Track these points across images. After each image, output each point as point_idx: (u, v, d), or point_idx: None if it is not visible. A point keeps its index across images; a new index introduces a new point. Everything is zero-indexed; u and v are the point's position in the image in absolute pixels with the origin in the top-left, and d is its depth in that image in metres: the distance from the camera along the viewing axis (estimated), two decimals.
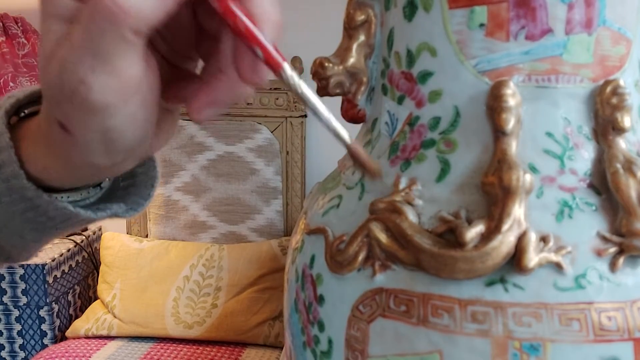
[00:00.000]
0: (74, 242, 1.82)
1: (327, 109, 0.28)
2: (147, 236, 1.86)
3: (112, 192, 0.34)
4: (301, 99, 0.27)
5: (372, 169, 0.32)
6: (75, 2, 0.24)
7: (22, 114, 0.31)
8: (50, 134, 0.27)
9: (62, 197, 0.30)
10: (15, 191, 0.28)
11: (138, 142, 0.27)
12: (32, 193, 0.28)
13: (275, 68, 0.25)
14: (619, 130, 0.39)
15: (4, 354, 1.73)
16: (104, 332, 1.63)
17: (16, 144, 0.29)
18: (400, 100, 0.43)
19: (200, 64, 0.30)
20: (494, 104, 0.38)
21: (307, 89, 0.27)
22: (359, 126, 0.51)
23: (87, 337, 1.64)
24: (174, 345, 1.60)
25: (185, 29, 0.28)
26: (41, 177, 0.29)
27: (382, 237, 0.39)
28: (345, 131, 0.29)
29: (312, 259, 0.45)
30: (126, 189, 0.34)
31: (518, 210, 0.36)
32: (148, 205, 0.33)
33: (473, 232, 0.36)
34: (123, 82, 0.24)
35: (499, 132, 0.38)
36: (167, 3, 0.23)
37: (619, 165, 0.38)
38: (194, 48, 0.29)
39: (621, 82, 0.39)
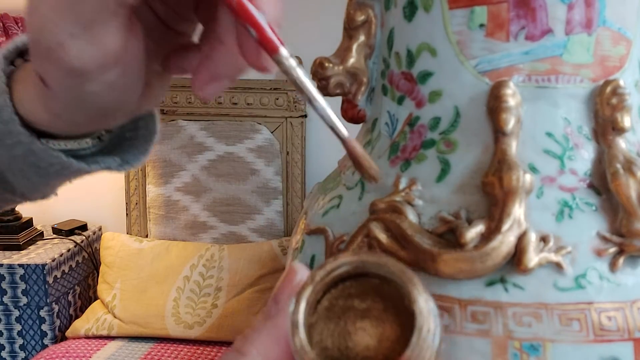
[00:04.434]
0: (74, 242, 1.82)
1: (325, 102, 0.26)
2: (147, 236, 1.86)
3: (117, 144, 0.32)
4: (298, 87, 0.25)
5: (368, 167, 0.30)
6: None
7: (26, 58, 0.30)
8: (35, 82, 0.26)
9: (58, 145, 0.29)
10: (14, 135, 0.28)
11: (117, 105, 0.26)
12: (26, 138, 0.28)
13: (271, 51, 0.23)
14: (619, 130, 0.39)
15: (4, 354, 1.73)
16: (104, 333, 1.63)
17: (15, 87, 0.28)
18: (400, 101, 0.43)
19: (200, 29, 0.28)
20: (494, 104, 0.38)
21: (305, 78, 0.25)
22: (359, 126, 0.51)
23: (87, 337, 1.64)
24: (174, 345, 1.60)
25: None
26: (34, 122, 0.28)
27: (382, 237, 0.39)
28: (343, 126, 0.27)
29: (313, 259, 0.45)
30: (127, 142, 0.33)
31: (518, 210, 0.36)
32: (145, 161, 0.32)
33: (473, 232, 0.36)
34: (102, 52, 0.23)
35: (499, 132, 0.38)
36: None
37: (619, 166, 0.38)
38: (193, 10, 0.28)
39: (621, 82, 0.39)
